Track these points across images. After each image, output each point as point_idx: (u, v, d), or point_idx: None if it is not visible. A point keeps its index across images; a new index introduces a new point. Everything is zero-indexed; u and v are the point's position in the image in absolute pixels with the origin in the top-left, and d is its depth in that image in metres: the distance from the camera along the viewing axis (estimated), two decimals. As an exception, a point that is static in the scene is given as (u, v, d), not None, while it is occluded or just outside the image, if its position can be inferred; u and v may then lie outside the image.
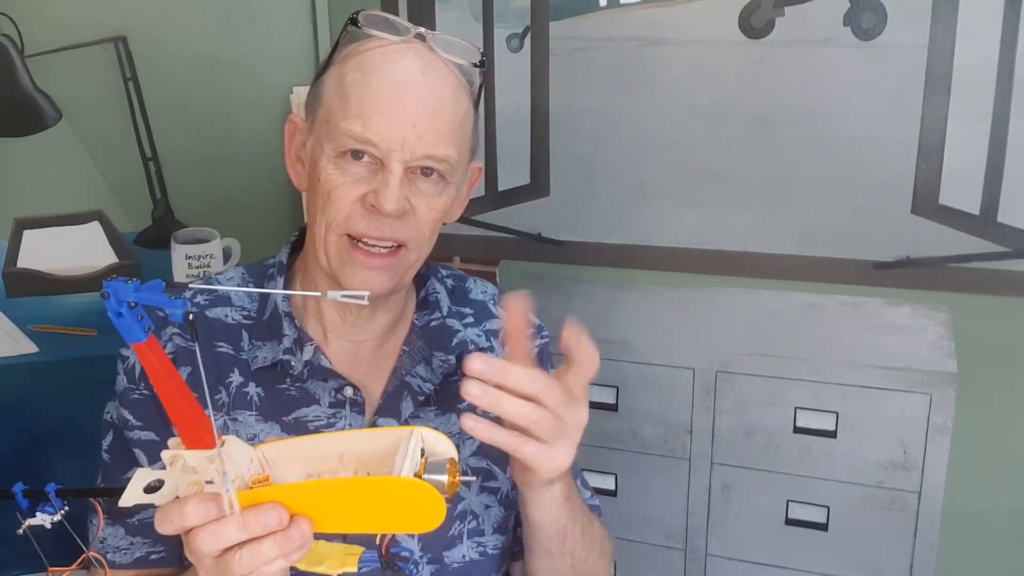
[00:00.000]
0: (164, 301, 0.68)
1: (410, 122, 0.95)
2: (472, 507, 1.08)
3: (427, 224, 1.01)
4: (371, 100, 0.96)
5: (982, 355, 1.66)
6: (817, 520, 1.69)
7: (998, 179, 1.60)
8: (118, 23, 1.98)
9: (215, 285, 1.12)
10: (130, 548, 1.06)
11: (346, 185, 0.98)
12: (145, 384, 1.05)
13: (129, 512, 1.05)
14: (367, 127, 0.95)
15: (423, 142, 0.96)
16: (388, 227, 0.98)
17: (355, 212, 0.98)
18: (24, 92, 1.94)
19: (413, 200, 0.99)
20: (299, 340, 1.05)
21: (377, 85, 0.96)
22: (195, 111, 2.01)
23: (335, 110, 0.98)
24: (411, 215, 0.99)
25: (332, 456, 0.82)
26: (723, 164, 1.76)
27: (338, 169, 0.98)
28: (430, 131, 0.96)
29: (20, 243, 1.87)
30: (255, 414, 1.04)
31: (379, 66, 0.97)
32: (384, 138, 0.95)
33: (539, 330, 1.19)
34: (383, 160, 0.96)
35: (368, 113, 0.96)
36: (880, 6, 1.59)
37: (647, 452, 1.77)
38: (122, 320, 0.69)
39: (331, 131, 0.98)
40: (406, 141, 0.95)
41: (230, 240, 1.89)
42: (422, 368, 1.08)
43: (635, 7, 1.75)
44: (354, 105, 0.97)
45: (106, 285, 0.68)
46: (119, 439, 1.07)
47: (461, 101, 1.00)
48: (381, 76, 0.97)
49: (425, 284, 1.13)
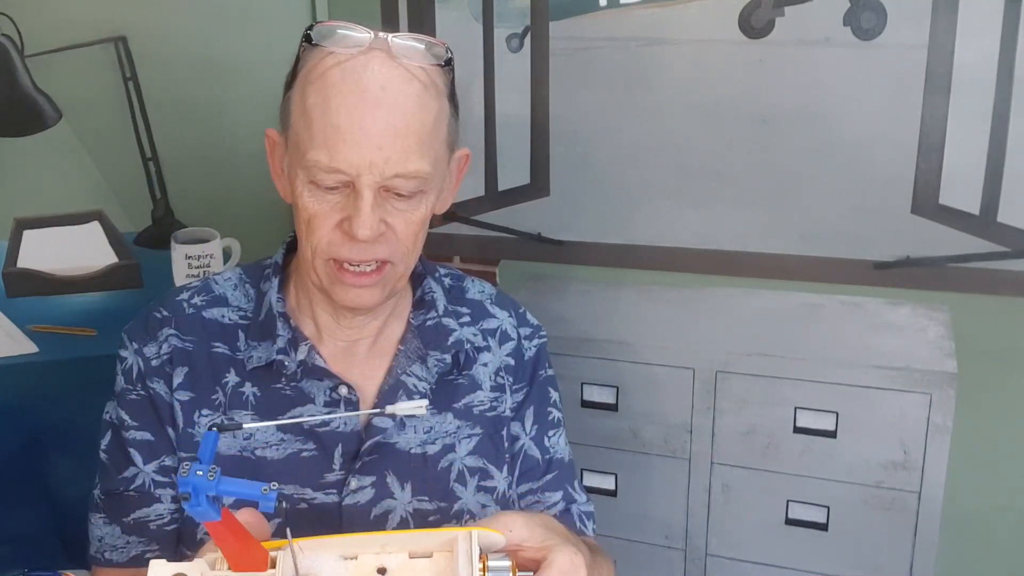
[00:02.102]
0: (256, 495, 0.69)
1: (375, 144, 0.93)
2: (469, 506, 1.08)
3: (408, 238, 1.00)
4: (332, 127, 0.94)
5: (982, 355, 1.66)
6: (817, 520, 1.69)
7: (998, 179, 1.60)
8: (118, 23, 1.98)
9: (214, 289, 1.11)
10: (126, 547, 1.06)
11: (323, 213, 0.97)
12: (142, 385, 1.05)
13: (125, 512, 1.06)
14: (333, 157, 0.94)
15: (390, 163, 0.94)
16: (368, 251, 0.98)
17: (335, 239, 0.98)
18: (24, 92, 1.94)
19: (390, 219, 0.98)
20: (293, 340, 1.05)
21: (337, 110, 0.94)
22: (195, 111, 2.01)
23: (302, 136, 0.97)
24: (390, 234, 0.98)
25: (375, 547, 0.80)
26: (723, 164, 1.76)
27: (313, 197, 0.97)
28: (396, 151, 0.94)
29: (20, 243, 1.87)
30: (251, 414, 1.04)
31: (337, 88, 0.94)
32: (351, 164, 0.94)
33: (537, 330, 1.19)
34: (354, 184, 0.95)
35: (332, 142, 0.94)
36: (880, 6, 1.59)
37: (647, 452, 1.77)
38: (198, 510, 0.69)
39: (301, 159, 0.97)
40: (373, 164, 0.94)
41: (230, 240, 1.89)
42: (418, 367, 1.08)
43: (635, 7, 1.75)
44: (317, 134, 0.95)
45: (183, 485, 0.68)
46: (116, 439, 1.07)
47: (428, 107, 0.97)
48: (340, 100, 0.94)
49: (422, 283, 1.13)
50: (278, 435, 1.04)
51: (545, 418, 1.16)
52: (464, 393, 1.10)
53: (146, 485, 1.05)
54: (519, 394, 1.14)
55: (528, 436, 1.15)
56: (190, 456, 1.04)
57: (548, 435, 1.16)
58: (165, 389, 1.05)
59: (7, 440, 1.60)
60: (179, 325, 1.07)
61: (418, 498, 1.05)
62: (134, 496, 1.05)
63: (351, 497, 1.03)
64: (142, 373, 1.06)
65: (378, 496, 1.04)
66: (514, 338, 1.15)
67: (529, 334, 1.17)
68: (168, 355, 1.05)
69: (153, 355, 1.06)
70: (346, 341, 1.08)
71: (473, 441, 1.09)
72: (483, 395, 1.11)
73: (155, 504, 1.05)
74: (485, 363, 1.12)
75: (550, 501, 1.15)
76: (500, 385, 1.13)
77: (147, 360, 1.06)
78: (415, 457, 1.06)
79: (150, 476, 1.05)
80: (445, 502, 1.06)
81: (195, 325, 1.07)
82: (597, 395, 1.76)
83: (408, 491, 1.05)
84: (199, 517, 0.70)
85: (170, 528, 1.06)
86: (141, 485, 1.05)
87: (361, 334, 1.08)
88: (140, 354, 1.06)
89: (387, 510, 1.04)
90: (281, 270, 1.10)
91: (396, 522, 1.05)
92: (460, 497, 1.08)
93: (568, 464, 1.19)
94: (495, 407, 1.12)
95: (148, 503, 1.05)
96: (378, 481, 1.04)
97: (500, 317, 1.16)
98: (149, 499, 1.05)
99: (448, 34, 1.85)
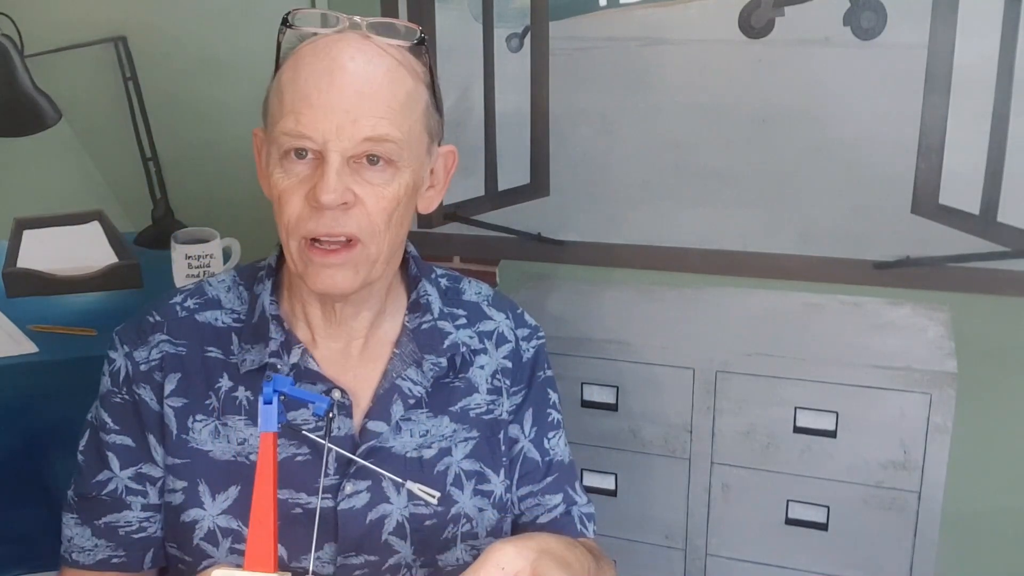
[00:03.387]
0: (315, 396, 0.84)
1: (342, 107, 0.94)
2: (466, 510, 1.08)
3: (378, 215, 0.98)
4: (301, 93, 0.94)
5: (982, 355, 1.66)
6: (817, 520, 1.69)
7: (998, 179, 1.60)
8: (118, 23, 1.98)
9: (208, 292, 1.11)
10: (94, 550, 1.06)
11: (292, 187, 0.96)
12: (128, 389, 1.05)
13: (96, 515, 1.06)
14: (299, 121, 0.94)
15: (358, 126, 0.94)
16: (334, 222, 0.96)
17: (304, 212, 0.96)
18: (24, 92, 1.94)
19: (358, 190, 0.96)
20: (286, 343, 1.05)
21: (307, 78, 0.95)
22: (195, 111, 2.01)
23: (275, 112, 0.98)
24: (359, 206, 0.97)
25: None
26: (723, 164, 1.76)
27: (283, 171, 0.97)
28: (364, 113, 0.94)
29: (20, 243, 1.87)
30: (244, 418, 1.04)
31: (307, 60, 0.96)
32: (317, 129, 0.93)
33: (535, 331, 1.18)
34: (322, 153, 0.95)
35: (300, 107, 0.94)
36: (880, 6, 1.59)
37: (647, 452, 1.77)
38: (268, 408, 0.78)
39: (273, 133, 0.97)
40: (341, 128, 0.93)
41: (230, 240, 1.89)
42: (413, 371, 1.07)
43: (635, 7, 1.75)
44: (287, 102, 0.95)
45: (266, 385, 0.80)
46: (94, 440, 1.07)
47: (401, 81, 0.98)
48: (309, 70, 0.95)
49: (417, 286, 1.12)
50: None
51: (544, 420, 1.16)
52: (460, 396, 1.10)
53: (119, 491, 1.05)
54: (517, 396, 1.14)
55: (527, 438, 1.15)
56: (183, 462, 1.04)
57: (547, 437, 1.16)
58: (152, 396, 1.04)
59: (7, 440, 1.60)
60: (171, 330, 1.07)
61: (414, 502, 1.05)
62: (106, 500, 1.05)
63: (346, 502, 1.03)
64: (129, 377, 1.05)
65: (374, 501, 1.04)
66: (511, 340, 1.15)
67: (527, 335, 1.17)
68: (158, 361, 1.05)
69: (143, 360, 1.05)
70: (340, 343, 1.07)
71: (470, 445, 1.09)
72: (480, 398, 1.11)
73: (125, 511, 1.05)
74: (482, 366, 1.12)
75: (550, 504, 1.15)
76: (497, 388, 1.12)
77: (136, 365, 1.05)
78: (411, 461, 1.06)
79: (124, 482, 1.05)
80: (442, 506, 1.06)
81: (188, 329, 1.07)
82: (597, 395, 1.76)
83: (404, 495, 1.05)
84: (265, 420, 0.76)
85: (138, 536, 1.06)
86: (114, 490, 1.05)
87: (353, 334, 1.07)
88: (130, 358, 1.06)
89: (383, 514, 1.04)
90: (275, 272, 1.10)
91: (392, 527, 1.04)
92: (457, 501, 1.07)
93: (568, 466, 1.18)
94: (492, 410, 1.11)
95: (119, 509, 1.05)
96: (373, 485, 1.04)
97: (497, 319, 1.16)
98: (120, 505, 1.05)
99: (448, 34, 1.85)
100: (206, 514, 1.03)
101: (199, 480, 1.03)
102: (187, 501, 1.03)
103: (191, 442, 1.04)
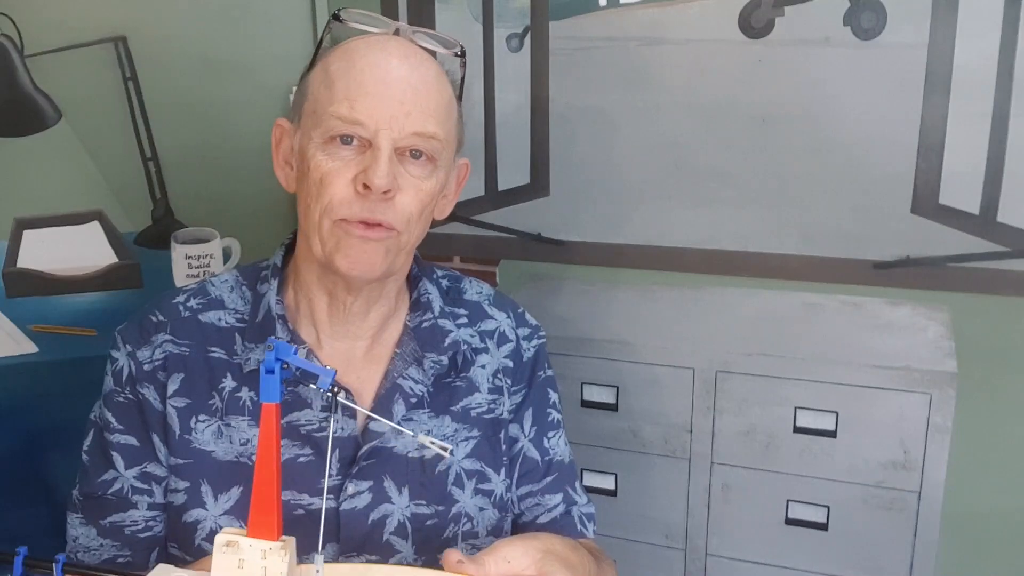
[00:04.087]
0: (319, 369, 0.79)
1: (396, 99, 0.97)
2: (466, 509, 1.08)
3: (415, 206, 1.01)
4: (356, 81, 0.98)
5: (982, 355, 1.66)
6: (817, 520, 1.69)
7: (998, 179, 1.60)
8: (118, 23, 1.98)
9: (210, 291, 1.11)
10: (99, 549, 1.06)
11: (337, 170, 0.98)
12: (131, 389, 1.05)
13: (102, 515, 1.06)
14: (354, 108, 0.97)
15: (410, 119, 0.97)
16: (379, 209, 0.98)
17: (347, 195, 0.98)
18: (24, 92, 1.94)
19: (401, 181, 0.99)
20: (291, 343, 1.05)
21: (362, 68, 0.98)
22: (195, 111, 2.01)
23: (321, 99, 1.00)
24: (400, 196, 0.99)
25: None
26: (723, 164, 1.76)
27: (327, 155, 0.99)
28: (416, 108, 0.98)
29: (20, 243, 1.87)
30: (247, 419, 1.04)
31: (362, 52, 1.00)
32: (371, 117, 0.96)
33: (536, 331, 1.19)
34: (371, 140, 0.97)
35: (354, 95, 0.97)
36: (880, 6, 1.59)
37: (647, 452, 1.77)
38: (271, 377, 0.75)
39: (319, 118, 0.99)
40: (394, 119, 0.97)
41: (230, 240, 1.89)
42: (414, 370, 1.08)
43: (635, 7, 1.75)
44: (340, 89, 0.98)
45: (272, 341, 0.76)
46: (99, 440, 1.07)
47: (444, 87, 1.03)
48: (365, 61, 0.99)
49: (418, 285, 1.13)
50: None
51: (544, 419, 1.16)
52: (462, 396, 1.10)
53: (124, 490, 1.05)
54: (518, 396, 1.14)
55: (527, 438, 1.15)
56: (185, 462, 1.04)
57: (547, 436, 1.16)
58: (156, 396, 1.05)
59: (7, 440, 1.60)
60: (175, 330, 1.07)
61: (415, 502, 1.05)
62: (112, 500, 1.05)
63: (348, 502, 1.03)
64: (133, 377, 1.05)
65: (376, 501, 1.04)
66: (512, 339, 1.15)
67: (528, 335, 1.17)
68: (162, 361, 1.05)
69: (146, 360, 1.05)
70: (345, 344, 1.08)
71: (471, 444, 1.09)
72: (481, 397, 1.11)
73: (131, 510, 1.05)
74: (483, 365, 1.12)
75: (550, 503, 1.15)
76: (498, 387, 1.12)
77: (139, 364, 1.05)
78: (412, 461, 1.06)
79: (129, 482, 1.05)
80: (443, 505, 1.06)
81: (191, 329, 1.07)
82: (597, 395, 1.76)
83: (406, 495, 1.05)
84: (265, 391, 0.75)
85: (144, 536, 1.06)
86: (120, 490, 1.05)
87: (359, 335, 1.08)
88: (133, 357, 1.06)
89: (385, 515, 1.04)
90: (280, 271, 1.10)
91: (394, 526, 1.05)
92: (458, 500, 1.08)
93: (568, 465, 1.18)
94: (493, 409, 1.12)
95: (125, 508, 1.05)
96: (375, 486, 1.04)
97: (498, 318, 1.16)
98: (126, 504, 1.05)
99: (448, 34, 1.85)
100: (208, 514, 1.03)
101: (201, 480, 1.04)
102: (189, 501, 1.04)
103: (194, 442, 1.04)
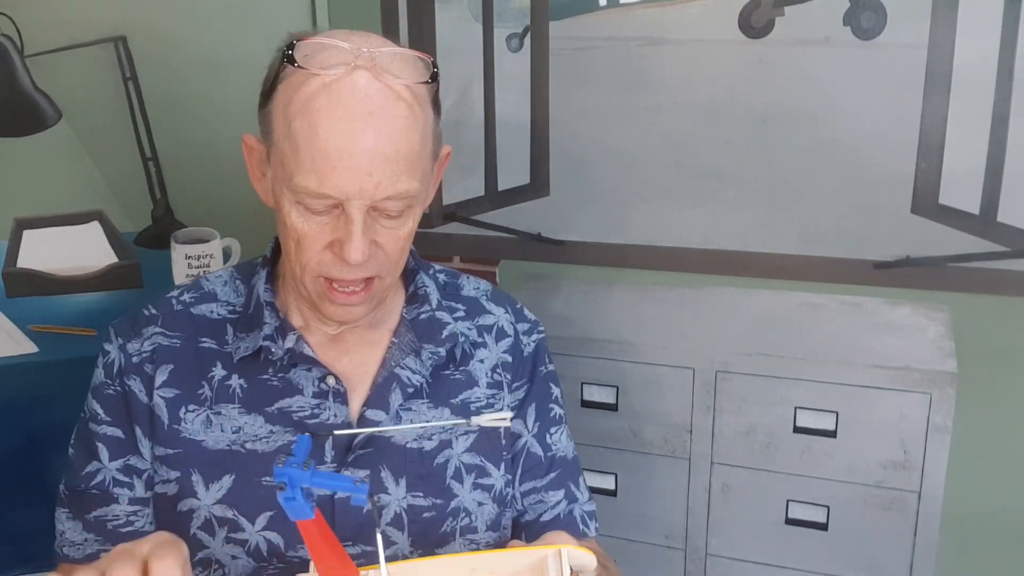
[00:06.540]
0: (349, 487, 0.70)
1: (365, 171, 0.93)
2: (465, 504, 1.08)
3: (395, 253, 1.00)
4: (321, 154, 0.93)
5: (982, 355, 1.66)
6: (817, 520, 1.69)
7: (998, 179, 1.60)
8: (118, 23, 1.98)
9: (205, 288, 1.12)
10: (83, 544, 1.06)
11: (312, 235, 0.97)
12: (119, 381, 1.05)
13: (87, 509, 1.06)
14: (322, 183, 0.93)
15: (381, 187, 0.94)
16: (358, 271, 0.99)
17: (324, 259, 0.98)
18: (24, 92, 1.94)
19: (379, 238, 0.98)
20: (281, 329, 1.05)
21: (325, 136, 0.93)
22: (195, 111, 2.01)
23: (288, 159, 0.96)
24: (379, 252, 0.99)
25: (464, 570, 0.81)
26: (723, 164, 1.76)
27: (302, 218, 0.97)
28: (386, 175, 0.94)
29: (20, 243, 1.87)
30: (238, 406, 1.04)
31: (324, 113, 0.93)
32: (341, 191, 0.94)
33: (535, 326, 1.19)
34: (343, 206, 0.95)
35: (321, 168, 0.93)
36: (880, 6, 1.60)
37: (647, 452, 1.77)
38: (293, 503, 0.70)
39: (288, 181, 0.96)
40: (363, 190, 0.94)
41: (230, 240, 1.89)
42: (412, 360, 1.08)
43: (635, 7, 1.75)
44: (305, 159, 0.94)
45: (279, 474, 0.69)
46: (84, 431, 1.07)
47: (416, 126, 0.96)
48: (328, 127, 0.93)
49: (415, 279, 1.13)
50: (267, 427, 1.04)
51: (547, 415, 1.16)
52: (461, 389, 1.10)
53: (107, 482, 1.05)
54: (520, 391, 1.14)
55: (530, 433, 1.15)
56: (175, 452, 1.04)
57: (550, 432, 1.16)
58: (141, 388, 1.05)
59: (7, 440, 1.60)
60: (166, 323, 1.07)
61: (413, 493, 1.05)
62: (95, 494, 1.05)
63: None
64: (122, 369, 1.06)
65: (372, 491, 1.04)
66: (511, 335, 1.15)
67: (527, 330, 1.17)
68: (150, 353, 1.05)
69: (135, 352, 1.06)
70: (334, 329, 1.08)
71: (471, 438, 1.09)
72: (480, 392, 1.11)
73: (113, 504, 1.05)
74: (482, 359, 1.12)
75: (552, 500, 1.15)
76: (497, 382, 1.12)
77: (128, 356, 1.06)
78: (411, 452, 1.06)
79: (112, 473, 1.05)
80: (441, 499, 1.06)
81: (183, 322, 1.08)
82: (597, 395, 1.76)
83: (403, 486, 1.05)
84: (293, 514, 0.71)
85: (125, 531, 1.05)
86: (102, 482, 1.05)
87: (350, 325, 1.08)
88: (123, 350, 1.06)
89: (381, 505, 1.04)
90: (269, 263, 1.11)
91: (390, 517, 1.04)
92: (457, 494, 1.07)
93: (571, 461, 1.18)
94: (492, 404, 1.11)
95: (107, 502, 1.05)
96: (372, 475, 1.04)
97: (496, 313, 1.16)
98: (108, 498, 1.05)
99: (448, 34, 1.85)
100: (201, 504, 1.03)
101: (192, 470, 1.04)
102: (181, 491, 1.04)
103: (183, 432, 1.04)
